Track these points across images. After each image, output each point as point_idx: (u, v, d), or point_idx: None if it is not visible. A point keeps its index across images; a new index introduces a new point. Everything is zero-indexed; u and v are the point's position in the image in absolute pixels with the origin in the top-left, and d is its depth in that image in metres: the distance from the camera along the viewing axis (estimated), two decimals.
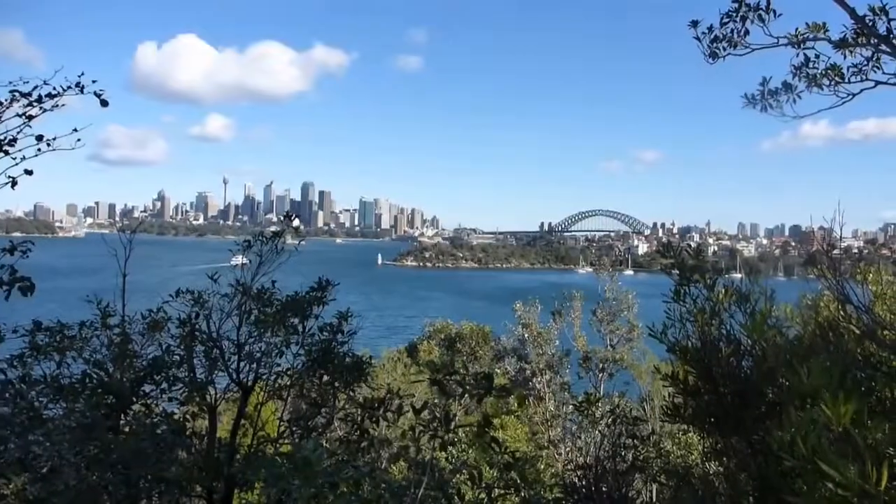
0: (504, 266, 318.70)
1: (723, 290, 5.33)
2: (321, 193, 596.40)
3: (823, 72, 6.54)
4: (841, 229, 5.14)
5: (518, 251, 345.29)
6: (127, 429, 6.17)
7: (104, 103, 5.71)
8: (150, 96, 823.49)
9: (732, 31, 6.72)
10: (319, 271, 8.45)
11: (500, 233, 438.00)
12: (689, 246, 5.78)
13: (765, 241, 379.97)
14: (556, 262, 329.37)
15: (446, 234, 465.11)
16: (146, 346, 7.38)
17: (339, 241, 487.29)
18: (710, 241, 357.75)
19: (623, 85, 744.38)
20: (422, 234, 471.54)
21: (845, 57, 6.50)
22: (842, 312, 5.20)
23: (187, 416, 7.00)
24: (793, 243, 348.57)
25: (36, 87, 5.50)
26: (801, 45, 6.56)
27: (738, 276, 5.48)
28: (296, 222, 8.60)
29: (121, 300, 7.61)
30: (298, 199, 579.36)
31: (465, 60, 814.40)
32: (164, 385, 7.02)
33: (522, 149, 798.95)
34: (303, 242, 8.84)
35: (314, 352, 7.46)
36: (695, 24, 6.92)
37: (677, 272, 5.50)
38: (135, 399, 6.80)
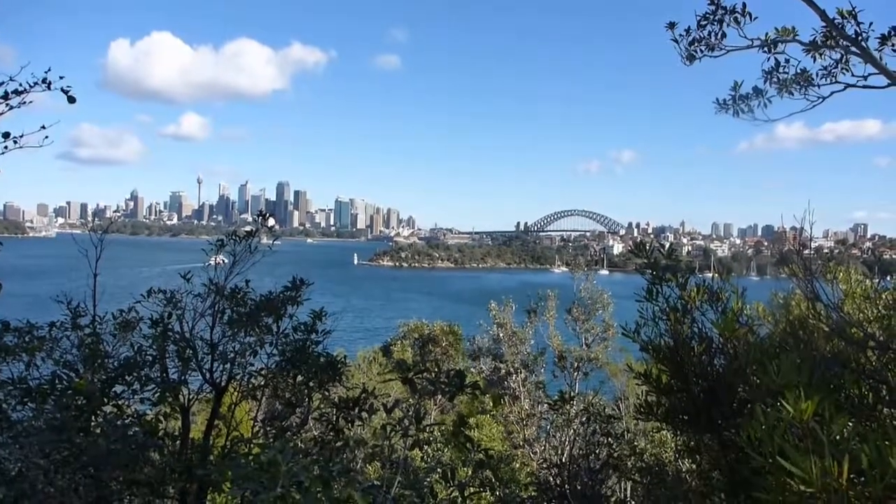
0: (480, 266, 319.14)
1: (695, 289, 5.38)
2: (297, 193, 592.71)
3: (793, 77, 6.63)
4: (811, 229, 5.21)
5: (494, 251, 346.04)
6: (98, 430, 6.09)
7: (71, 100, 5.63)
8: (123, 94, 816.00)
9: (710, 33, 6.78)
10: (294, 271, 8.41)
11: (477, 233, 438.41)
12: (662, 246, 5.82)
13: (738, 241, 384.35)
14: (531, 262, 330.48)
15: (422, 234, 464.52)
16: (118, 347, 7.29)
17: (311, 240, 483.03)
18: (684, 240, 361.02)
19: (603, 86, 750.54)
20: (398, 234, 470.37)
21: (815, 60, 6.59)
22: (812, 311, 5.28)
23: (160, 417, 6.93)
24: (765, 243, 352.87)
25: (2, 84, 5.42)
26: (773, 49, 6.64)
27: (711, 275, 5.52)
28: (270, 222, 8.54)
29: (92, 300, 7.52)
30: (273, 198, 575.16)
31: (443, 60, 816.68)
32: (136, 386, 6.95)
33: (500, 149, 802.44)
34: (277, 242, 8.80)
35: (288, 352, 7.42)
36: (672, 25, 6.96)
37: (650, 271, 5.54)
38: (106, 400, 6.71)
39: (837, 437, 3.27)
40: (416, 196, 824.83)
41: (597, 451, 9.41)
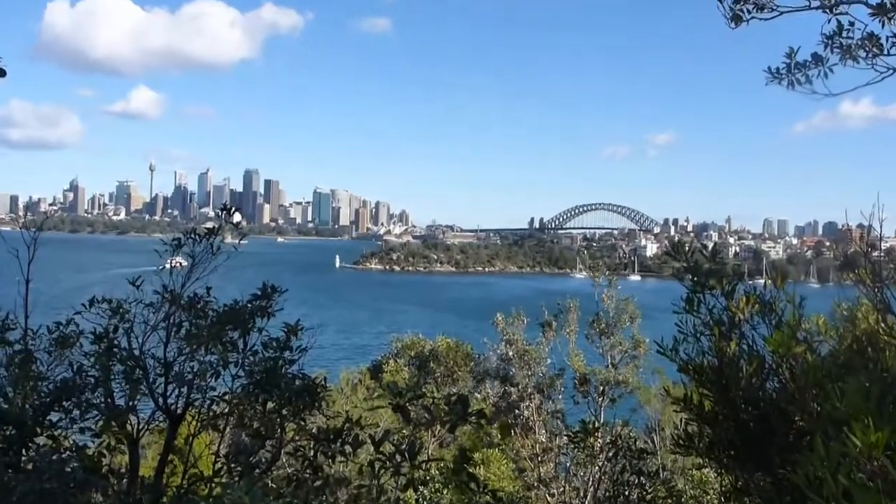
0: (487, 270, 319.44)
1: (744, 298, 5.36)
2: (268, 183, 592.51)
3: (859, 42, 6.60)
4: (881, 227, 5.21)
5: (503, 252, 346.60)
6: (30, 466, 6.10)
7: (1, 72, 5.63)
8: (61, 65, 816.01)
9: None
10: (264, 276, 8.41)
11: (482, 231, 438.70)
12: (705, 246, 5.82)
13: (794, 241, 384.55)
14: (548, 266, 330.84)
15: (418, 231, 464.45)
16: (53, 367, 7.30)
17: (282, 239, 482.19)
18: (731, 240, 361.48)
19: (632, 59, 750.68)
20: (388, 232, 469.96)
21: (884, 25, 6.57)
22: (883, 325, 5.27)
23: (103, 451, 6.92)
24: (827, 243, 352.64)
25: None
26: (834, 10, 6.62)
27: (763, 281, 5.50)
28: (236, 217, 8.55)
29: (23, 311, 7.52)
30: (240, 189, 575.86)
31: (443, 23, 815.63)
32: (76, 413, 6.94)
33: (510, 132, 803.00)
34: (244, 241, 8.81)
35: (257, 373, 7.42)
36: None
37: (690, 277, 5.53)
38: (39, 430, 6.71)
39: None
40: (411, 187, 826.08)
41: (626, 493, 9.41)
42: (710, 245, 5.89)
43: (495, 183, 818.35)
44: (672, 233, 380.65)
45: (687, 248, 5.67)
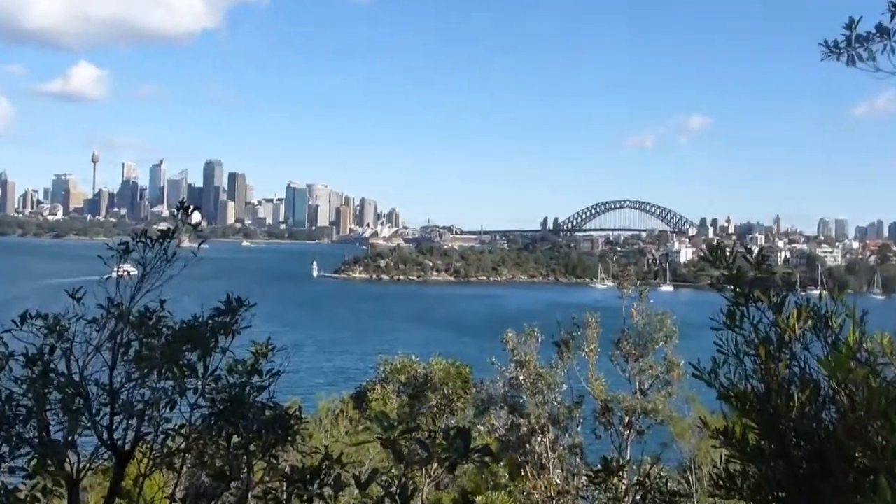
0: (492, 279, 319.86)
1: (795, 312, 5.37)
2: (232, 177, 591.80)
3: None
4: None
5: (511, 258, 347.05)
6: None
7: None
8: None
9: None
10: (228, 286, 8.41)
11: (486, 232, 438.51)
12: (749, 250, 5.82)
13: (855, 245, 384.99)
14: (564, 274, 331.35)
15: (410, 234, 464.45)
16: None
17: (247, 243, 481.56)
18: (780, 244, 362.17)
19: (657, 33, 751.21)
20: (375, 235, 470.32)
21: None
22: None
23: (37, 494, 6.91)
24: (894, 248, 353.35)
25: None
26: None
27: (818, 292, 5.49)
28: (195, 217, 8.55)
29: None
30: (200, 184, 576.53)
31: None
32: (4, 449, 6.93)
33: (518, 118, 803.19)
34: (205, 246, 8.80)
35: (220, 402, 7.42)
36: None
37: (732, 287, 5.54)
38: None
39: None
40: (402, 182, 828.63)
41: None
42: (756, 249, 5.89)
43: (501, 177, 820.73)
44: (710, 235, 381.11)
45: (728, 253, 5.67)
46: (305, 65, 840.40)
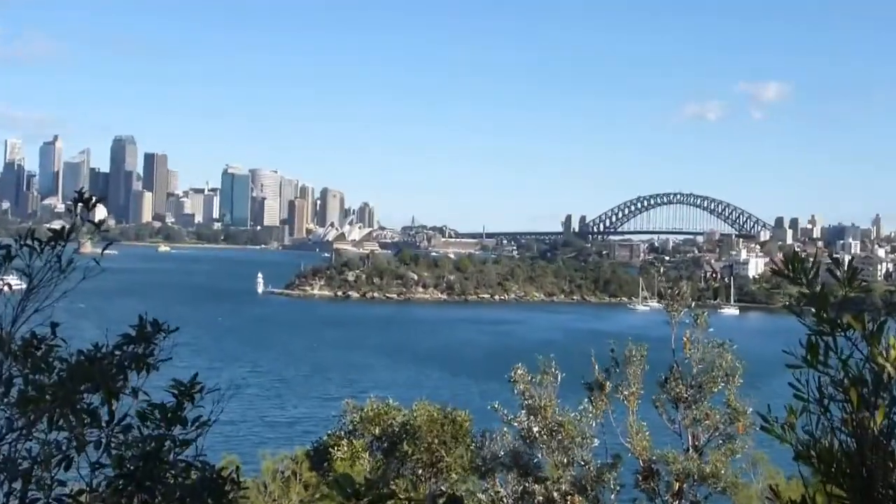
0: (497, 298, 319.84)
1: None
2: (150, 160, 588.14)
3: None
4: None
5: (523, 270, 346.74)
6: None
7: None
8: None
9: None
10: (143, 306, 8.44)
11: (490, 236, 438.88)
12: (837, 261, 5.84)
13: None
14: (594, 292, 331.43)
15: (388, 236, 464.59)
16: None
17: (165, 248, 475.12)
18: (880, 252, 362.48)
19: None
20: (341, 237, 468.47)
21: None
22: None
23: None
24: None
25: None
26: None
27: None
28: (99, 212, 8.55)
29: None
30: (106, 169, 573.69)
31: None
32: None
33: (531, 82, 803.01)
34: (112, 251, 8.81)
35: (130, 460, 7.43)
36: None
37: (814, 311, 5.54)
38: None
39: None
40: (378, 170, 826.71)
41: None
42: (848, 259, 5.92)
43: (509, 162, 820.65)
44: (788, 240, 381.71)
45: (810, 265, 5.67)
46: (250, 14, 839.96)
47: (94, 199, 8.27)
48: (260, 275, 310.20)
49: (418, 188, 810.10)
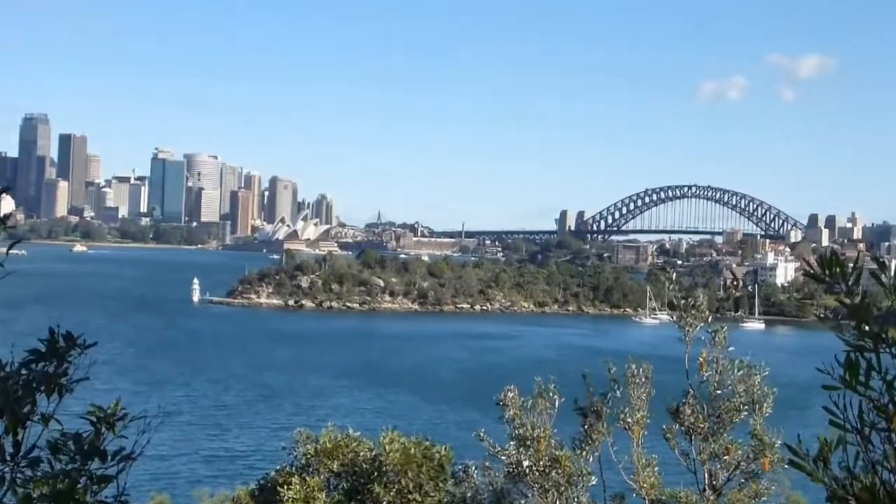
0: (478, 308, 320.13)
1: None
2: (66, 142, 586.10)
3: None
4: None
5: (510, 275, 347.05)
6: None
7: None
8: None
9: None
10: (55, 317, 8.42)
11: (471, 235, 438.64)
12: (882, 264, 5.83)
13: None
14: (593, 301, 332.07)
15: (350, 235, 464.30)
16: None
17: (81, 248, 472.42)
18: None
19: None
20: (294, 236, 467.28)
21: None
22: None
23: None
24: None
25: None
26: None
27: None
28: (6, 205, 8.56)
29: None
30: (14, 153, 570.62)
31: None
32: None
33: (519, 60, 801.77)
34: (20, 252, 8.81)
35: (39, 498, 7.41)
36: None
37: (854, 324, 5.53)
38: None
39: None
40: (337, 158, 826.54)
41: None
42: (894, 264, 5.92)
43: (492, 151, 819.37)
44: (824, 241, 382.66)
45: (849, 270, 5.66)
46: None
47: None
48: (196, 280, 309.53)
49: (385, 179, 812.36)
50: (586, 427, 23.40)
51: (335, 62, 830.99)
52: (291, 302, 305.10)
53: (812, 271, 5.75)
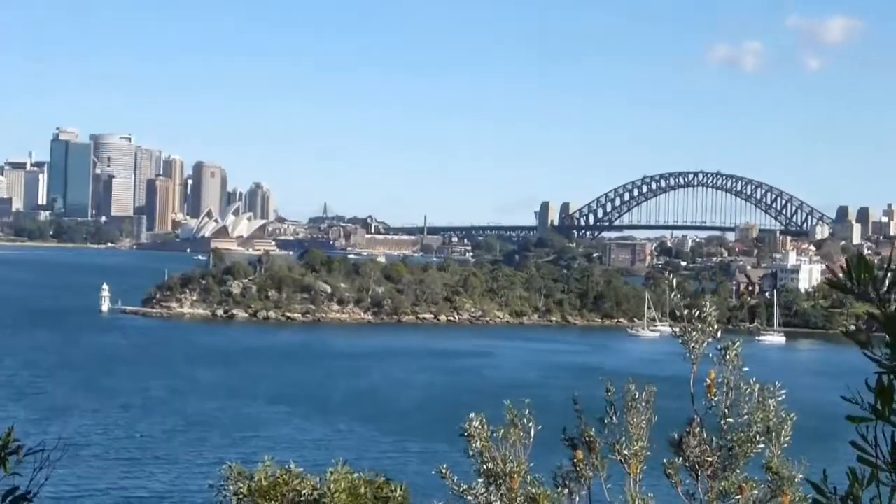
0: (444, 318, 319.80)
1: None
2: None
3: None
4: None
5: (481, 280, 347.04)
6: None
7: None
8: None
9: None
10: None
11: (435, 231, 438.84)
12: None
13: None
14: (580, 310, 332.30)
15: (290, 232, 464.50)
16: None
17: None
18: None
19: None
20: (223, 232, 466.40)
21: None
22: None
23: None
24: None
25: None
26: None
27: None
28: None
29: None
30: None
31: None
32: None
33: (487, 31, 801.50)
34: None
35: None
36: None
37: (888, 340, 5.56)
38: None
39: None
40: (274, 140, 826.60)
41: None
42: None
43: (460, 133, 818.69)
44: (855, 239, 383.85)
45: (885, 273, 5.67)
46: None
47: None
48: (105, 286, 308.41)
49: (333, 165, 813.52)
50: (576, 460, 23.43)
51: (270, 31, 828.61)
52: (220, 312, 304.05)
53: (837, 278, 5.72)
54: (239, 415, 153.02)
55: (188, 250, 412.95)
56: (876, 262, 5.84)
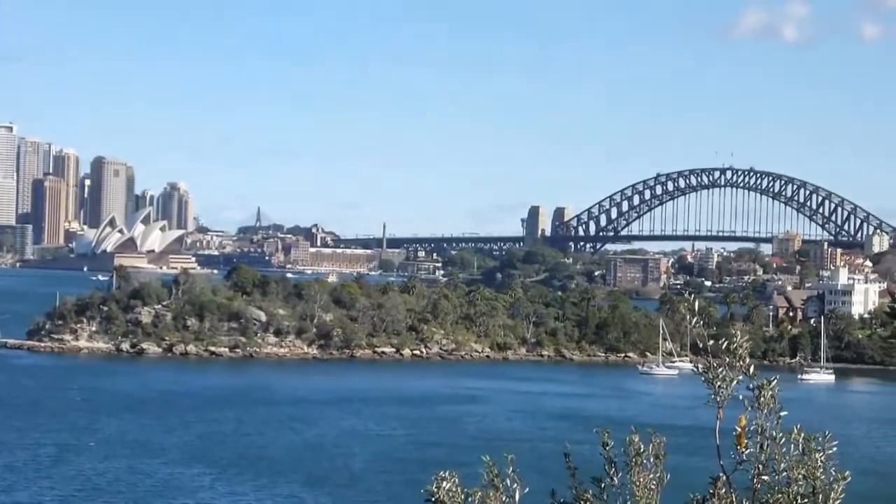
0: (408, 353, 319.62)
1: None
2: None
3: None
4: None
5: (455, 304, 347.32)
6: None
7: None
8: None
9: None
10: None
11: (396, 243, 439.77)
12: None
13: None
14: (578, 341, 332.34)
15: (215, 245, 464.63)
16: None
17: None
18: None
19: None
20: (130, 245, 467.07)
21: None
22: None
23: None
24: None
25: None
26: None
27: None
28: None
29: None
30: None
31: None
32: None
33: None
34: None
35: None
36: None
37: None
38: None
39: None
40: (197, 134, 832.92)
41: None
42: None
43: (428, 124, 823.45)
44: None
45: None
46: None
47: None
48: None
49: (269, 162, 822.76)
50: None
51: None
52: (126, 346, 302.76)
53: (893, 307, 5.64)
54: (150, 477, 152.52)
55: (85, 268, 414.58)
56: None
